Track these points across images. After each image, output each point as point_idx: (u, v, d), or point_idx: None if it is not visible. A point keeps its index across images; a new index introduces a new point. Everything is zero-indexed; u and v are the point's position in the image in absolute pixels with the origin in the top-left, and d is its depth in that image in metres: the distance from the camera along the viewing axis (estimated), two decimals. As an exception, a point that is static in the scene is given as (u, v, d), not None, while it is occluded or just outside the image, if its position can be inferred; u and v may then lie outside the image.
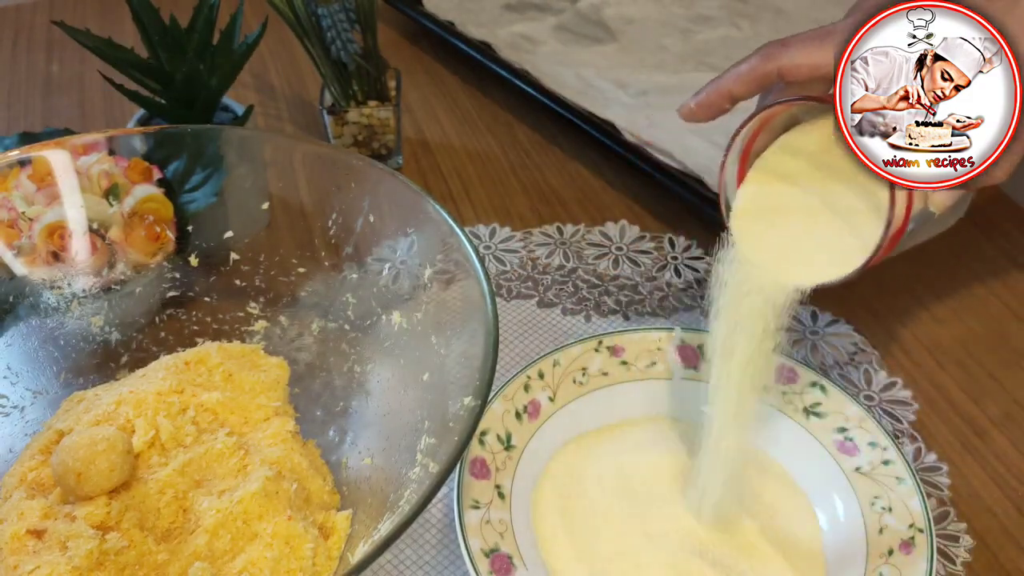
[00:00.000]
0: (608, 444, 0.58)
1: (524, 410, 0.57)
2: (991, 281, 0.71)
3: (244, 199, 0.63)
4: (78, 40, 0.69)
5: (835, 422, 0.57)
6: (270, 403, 0.56)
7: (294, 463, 0.53)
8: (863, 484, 0.54)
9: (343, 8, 0.73)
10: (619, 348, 0.61)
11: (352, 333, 0.58)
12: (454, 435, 0.45)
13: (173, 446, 0.52)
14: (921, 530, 0.50)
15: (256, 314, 0.61)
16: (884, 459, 0.54)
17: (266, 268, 0.60)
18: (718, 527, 0.53)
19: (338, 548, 0.50)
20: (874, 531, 0.52)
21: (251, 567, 0.47)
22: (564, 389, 0.59)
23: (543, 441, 0.57)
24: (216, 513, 0.48)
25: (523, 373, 0.58)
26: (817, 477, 0.55)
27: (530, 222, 0.77)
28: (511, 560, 0.50)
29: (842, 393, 0.57)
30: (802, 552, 0.52)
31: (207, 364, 0.57)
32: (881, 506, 0.52)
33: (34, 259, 0.57)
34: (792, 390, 0.58)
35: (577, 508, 0.54)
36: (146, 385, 0.54)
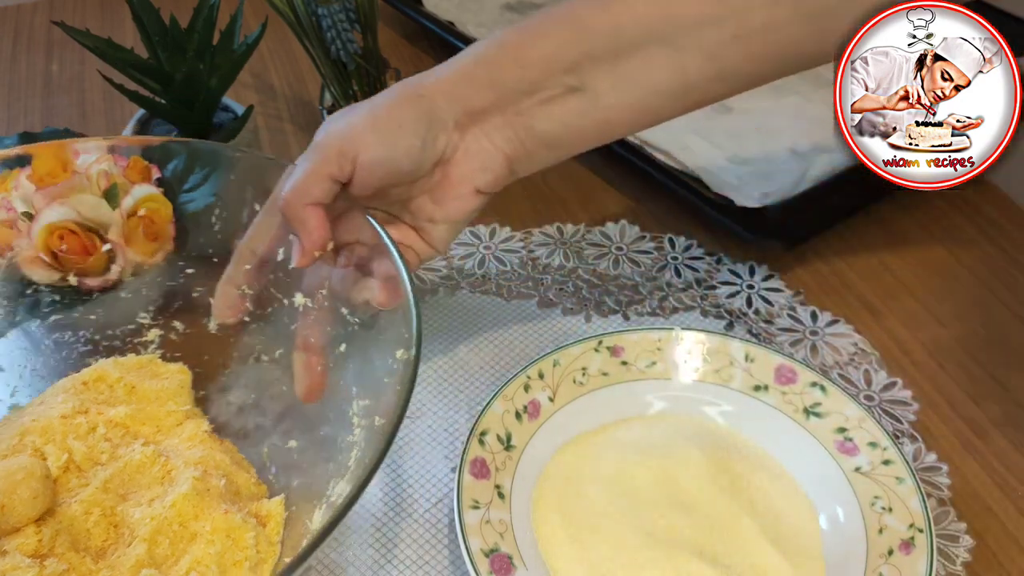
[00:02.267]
0: (608, 444, 0.58)
1: (524, 410, 0.57)
2: (991, 281, 0.71)
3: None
4: (78, 40, 0.69)
5: (835, 422, 0.57)
6: (179, 408, 0.56)
7: (217, 460, 0.53)
8: (863, 484, 0.54)
9: (343, 8, 0.73)
10: (619, 348, 0.61)
11: (253, 324, 0.58)
12: (395, 385, 0.45)
13: (90, 466, 0.52)
14: (921, 530, 0.51)
15: (147, 323, 0.60)
16: (884, 459, 0.54)
17: (151, 275, 0.59)
18: (718, 527, 0.53)
19: (277, 533, 0.51)
20: (874, 531, 0.52)
21: (197, 566, 0.47)
22: (564, 389, 0.59)
23: (543, 441, 0.57)
24: (151, 521, 0.49)
25: (523, 373, 0.58)
26: (817, 477, 0.55)
27: (530, 222, 0.77)
28: (511, 560, 0.50)
29: (842, 393, 0.57)
30: (802, 552, 0.52)
31: (106, 380, 0.57)
32: (881, 506, 0.52)
33: (34, 259, 0.57)
34: (792, 390, 0.58)
35: (577, 508, 0.54)
36: (48, 411, 0.54)
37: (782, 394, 0.58)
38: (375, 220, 0.52)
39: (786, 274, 0.72)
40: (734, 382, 0.60)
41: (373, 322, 0.52)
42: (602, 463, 0.56)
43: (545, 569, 0.51)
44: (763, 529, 0.53)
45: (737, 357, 0.60)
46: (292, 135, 0.87)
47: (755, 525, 0.53)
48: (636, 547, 0.52)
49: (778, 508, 0.54)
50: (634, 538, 0.52)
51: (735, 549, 0.52)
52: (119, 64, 0.70)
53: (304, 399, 0.54)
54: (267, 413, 0.57)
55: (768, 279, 0.71)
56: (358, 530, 0.55)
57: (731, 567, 0.51)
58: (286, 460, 0.54)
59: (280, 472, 0.54)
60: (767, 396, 0.59)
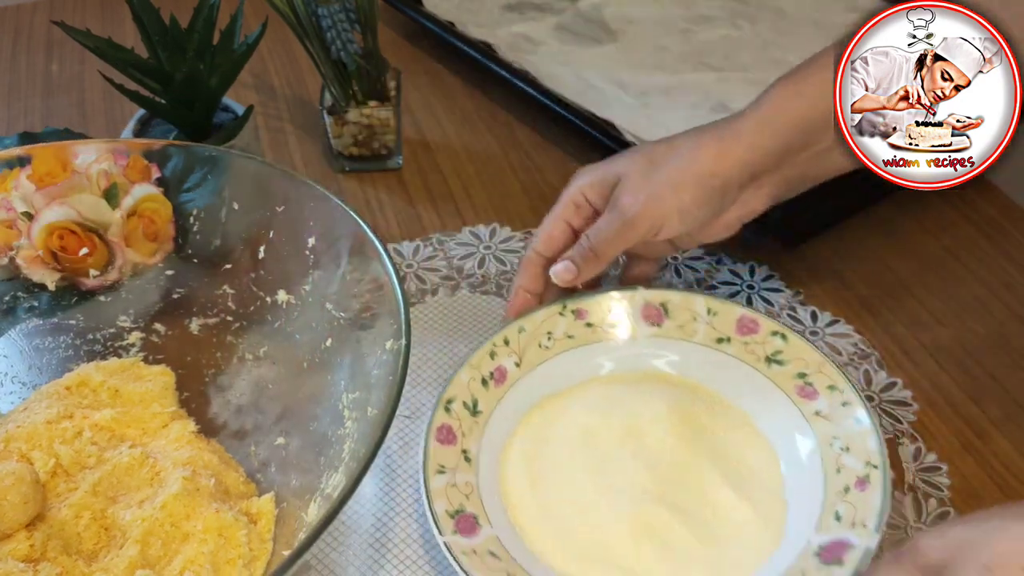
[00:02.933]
0: (573, 404, 0.59)
1: (491, 376, 0.58)
2: (991, 281, 0.71)
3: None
4: (78, 40, 0.69)
5: (795, 368, 0.58)
6: (164, 410, 0.56)
7: (205, 460, 0.53)
8: (822, 426, 0.55)
9: (343, 8, 0.73)
10: (583, 311, 0.62)
11: (236, 323, 0.58)
12: (387, 376, 0.46)
13: (77, 470, 0.52)
14: (876, 467, 0.51)
15: (128, 326, 0.60)
16: (843, 401, 0.55)
17: (129, 278, 0.59)
18: (680, 476, 0.54)
19: (268, 531, 0.51)
20: (832, 471, 0.53)
21: (191, 565, 0.48)
22: (530, 354, 0.60)
23: (510, 405, 0.58)
24: (142, 523, 0.49)
25: (489, 341, 0.59)
26: (778, 422, 0.57)
27: (530, 222, 0.77)
28: (476, 520, 0.51)
29: (802, 340, 0.59)
30: (763, 494, 0.54)
31: (89, 385, 0.57)
32: (839, 447, 0.54)
33: (34, 259, 0.57)
34: (754, 340, 0.59)
35: (542, 468, 0.55)
36: (32, 417, 0.54)
37: (744, 344, 0.59)
38: (358, 215, 0.52)
39: (786, 274, 0.72)
40: (698, 336, 0.61)
41: (359, 316, 0.52)
42: (568, 423, 0.57)
43: (511, 527, 0.53)
44: (725, 475, 0.54)
45: (700, 312, 0.61)
46: (292, 135, 0.87)
47: (717, 472, 0.54)
48: (599, 501, 0.53)
49: (740, 454, 0.56)
50: (598, 493, 0.53)
51: (697, 496, 0.53)
52: (119, 64, 0.70)
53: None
54: (254, 412, 0.57)
55: (768, 279, 0.71)
56: (357, 530, 0.55)
57: (693, 513, 0.52)
58: (275, 457, 0.54)
59: (269, 469, 0.54)
60: (730, 347, 0.60)
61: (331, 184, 0.80)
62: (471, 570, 0.48)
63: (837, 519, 0.50)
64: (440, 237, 0.75)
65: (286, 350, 0.57)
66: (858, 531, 0.49)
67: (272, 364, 0.57)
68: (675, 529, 0.52)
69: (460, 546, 0.49)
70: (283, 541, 0.50)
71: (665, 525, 0.52)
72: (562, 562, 0.51)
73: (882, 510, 0.49)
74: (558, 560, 0.52)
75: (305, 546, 0.40)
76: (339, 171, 0.82)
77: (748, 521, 0.52)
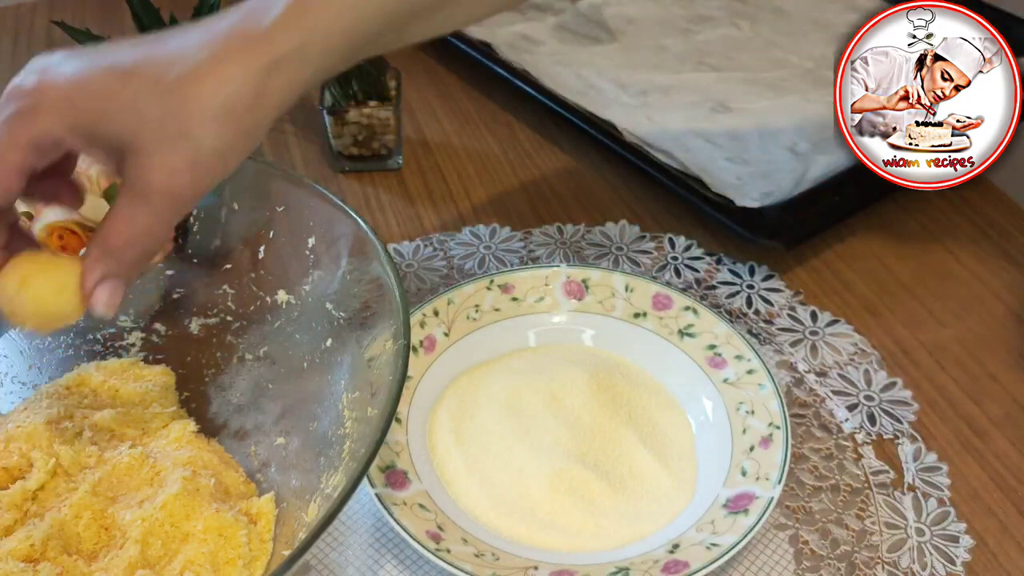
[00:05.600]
0: (499, 371, 0.62)
1: (420, 344, 0.61)
2: (991, 281, 0.71)
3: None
4: (78, 40, 0.69)
5: (706, 340, 0.61)
6: (164, 410, 0.56)
7: (205, 460, 0.53)
8: (730, 392, 0.59)
9: (343, 8, 0.73)
10: (510, 286, 0.65)
11: (236, 323, 0.58)
12: (387, 376, 0.47)
13: (77, 470, 0.52)
14: (778, 427, 0.56)
15: (128, 326, 0.60)
16: (748, 369, 0.59)
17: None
18: (599, 438, 0.57)
19: (268, 531, 0.51)
20: (738, 432, 0.57)
21: (191, 565, 0.48)
22: (458, 325, 0.63)
23: (439, 372, 0.61)
24: (142, 523, 0.49)
25: (418, 311, 0.62)
26: (690, 389, 0.61)
27: (530, 222, 0.77)
28: (406, 475, 0.55)
29: (712, 313, 0.62)
30: (676, 455, 0.57)
31: (89, 385, 0.57)
32: (745, 410, 0.58)
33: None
34: (668, 315, 0.63)
35: (469, 428, 0.58)
36: (32, 417, 0.54)
37: (659, 319, 0.63)
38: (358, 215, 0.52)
39: (786, 274, 0.72)
40: (616, 311, 0.64)
41: (359, 316, 0.52)
42: (493, 388, 0.60)
43: (439, 482, 0.56)
44: (641, 437, 0.58)
45: (618, 288, 0.64)
46: (292, 135, 0.87)
47: (633, 434, 0.58)
48: (522, 458, 0.56)
49: (655, 419, 0.59)
50: (521, 451, 0.56)
51: (615, 456, 0.57)
52: (119, 64, 0.70)
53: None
54: (254, 412, 0.57)
55: (768, 279, 0.71)
56: (357, 530, 0.55)
57: (610, 471, 0.56)
58: (275, 457, 0.54)
59: (269, 469, 0.54)
60: (646, 322, 0.63)
61: (331, 184, 0.80)
62: (401, 519, 0.51)
63: (743, 474, 0.54)
64: (440, 237, 0.75)
65: (286, 350, 0.57)
66: (762, 484, 0.53)
67: (272, 364, 0.57)
68: (593, 484, 0.55)
69: (391, 498, 0.52)
70: (283, 541, 0.50)
71: (584, 481, 0.55)
72: (486, 514, 0.55)
73: (783, 465, 0.54)
74: (483, 512, 0.55)
75: (305, 546, 0.40)
76: (339, 171, 0.82)
77: (662, 478, 0.56)
